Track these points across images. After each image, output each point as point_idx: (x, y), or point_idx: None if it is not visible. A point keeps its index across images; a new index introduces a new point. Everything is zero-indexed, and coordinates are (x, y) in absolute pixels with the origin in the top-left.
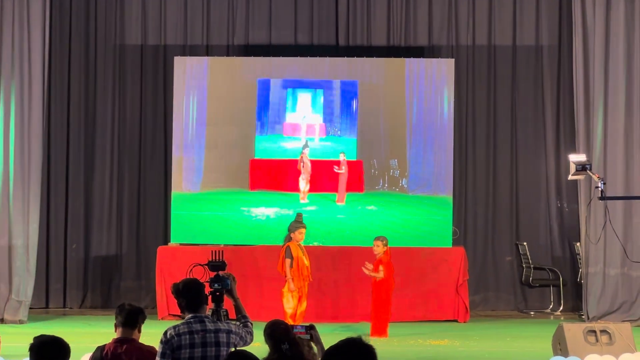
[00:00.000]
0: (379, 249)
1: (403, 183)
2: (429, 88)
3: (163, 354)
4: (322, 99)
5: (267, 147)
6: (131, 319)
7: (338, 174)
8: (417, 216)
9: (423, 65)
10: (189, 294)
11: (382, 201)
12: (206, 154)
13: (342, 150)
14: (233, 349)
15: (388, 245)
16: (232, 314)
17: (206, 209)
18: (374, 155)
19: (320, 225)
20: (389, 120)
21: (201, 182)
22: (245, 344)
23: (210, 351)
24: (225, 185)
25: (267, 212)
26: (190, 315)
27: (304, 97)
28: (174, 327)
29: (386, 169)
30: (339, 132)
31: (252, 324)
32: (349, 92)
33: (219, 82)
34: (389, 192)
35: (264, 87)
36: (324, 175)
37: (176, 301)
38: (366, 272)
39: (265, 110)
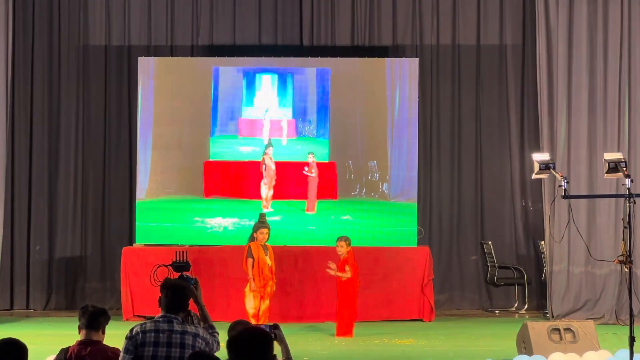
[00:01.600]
0: (342, 249)
1: (384, 188)
2: (394, 87)
3: (127, 350)
4: (290, 86)
5: (222, 152)
6: (95, 321)
7: (307, 178)
8: (387, 220)
9: (389, 64)
10: (173, 295)
11: (359, 210)
12: (156, 156)
13: (311, 150)
14: None
15: (351, 245)
16: None
17: (153, 219)
18: (349, 156)
19: (286, 237)
20: (366, 119)
21: (147, 188)
22: (212, 351)
23: (174, 352)
24: (175, 192)
25: (224, 222)
26: (161, 314)
27: (267, 82)
28: (142, 324)
29: (364, 172)
30: (314, 131)
31: (218, 333)
32: (323, 81)
33: (182, 82)
34: (367, 199)
35: (221, 75)
36: (290, 180)
37: (159, 296)
38: (331, 272)
39: (221, 104)
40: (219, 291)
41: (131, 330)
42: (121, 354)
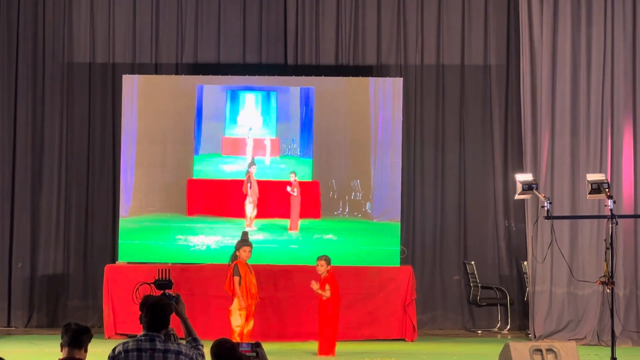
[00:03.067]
0: (322, 269)
1: (367, 208)
2: (377, 106)
3: None
4: (274, 104)
5: (205, 170)
6: (77, 339)
7: (290, 197)
8: (370, 239)
9: (373, 84)
10: (153, 313)
11: (342, 229)
12: (139, 173)
13: (294, 169)
14: None
15: (331, 264)
16: (180, 333)
17: (136, 236)
18: (332, 175)
19: (269, 255)
20: (349, 138)
21: (130, 206)
22: None
23: None
24: (158, 210)
25: (207, 241)
26: (143, 333)
27: (251, 101)
28: (124, 342)
29: (347, 192)
30: (297, 150)
31: (202, 345)
32: (307, 100)
33: (166, 100)
34: (350, 218)
35: (205, 94)
36: (273, 199)
37: (139, 314)
38: (314, 287)
39: (205, 122)
40: (200, 309)
41: (113, 350)
42: None
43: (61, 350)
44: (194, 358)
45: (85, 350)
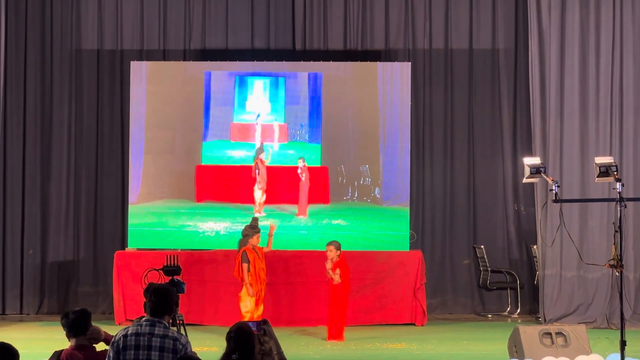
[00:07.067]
0: (332, 254)
1: (376, 192)
2: (386, 91)
3: (109, 357)
4: (282, 90)
5: (214, 156)
6: (76, 328)
7: (298, 182)
8: (379, 224)
9: (381, 68)
10: (157, 298)
11: (352, 214)
12: (148, 160)
13: (302, 155)
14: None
15: (341, 249)
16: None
17: (146, 223)
18: (341, 160)
19: (278, 241)
20: (358, 123)
21: (139, 192)
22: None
23: (154, 355)
24: (167, 196)
25: (216, 227)
26: (145, 317)
27: (259, 87)
28: (125, 328)
29: (356, 177)
30: (306, 135)
31: None
32: (315, 85)
33: (174, 87)
34: (360, 203)
35: (213, 80)
36: (282, 184)
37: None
38: (328, 266)
39: (213, 108)
40: (210, 295)
41: (115, 336)
42: None
43: (69, 340)
44: (188, 348)
45: (87, 330)
